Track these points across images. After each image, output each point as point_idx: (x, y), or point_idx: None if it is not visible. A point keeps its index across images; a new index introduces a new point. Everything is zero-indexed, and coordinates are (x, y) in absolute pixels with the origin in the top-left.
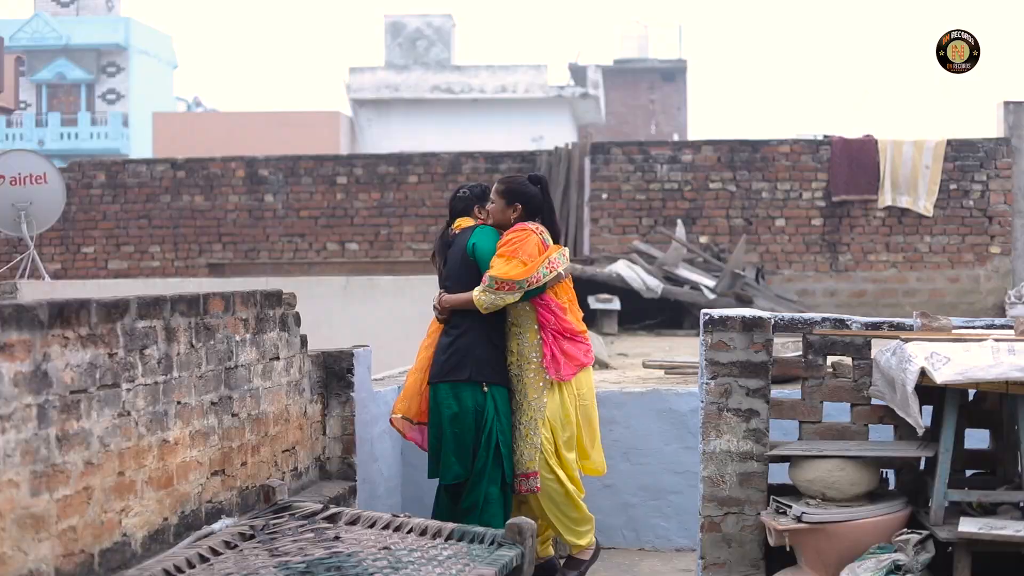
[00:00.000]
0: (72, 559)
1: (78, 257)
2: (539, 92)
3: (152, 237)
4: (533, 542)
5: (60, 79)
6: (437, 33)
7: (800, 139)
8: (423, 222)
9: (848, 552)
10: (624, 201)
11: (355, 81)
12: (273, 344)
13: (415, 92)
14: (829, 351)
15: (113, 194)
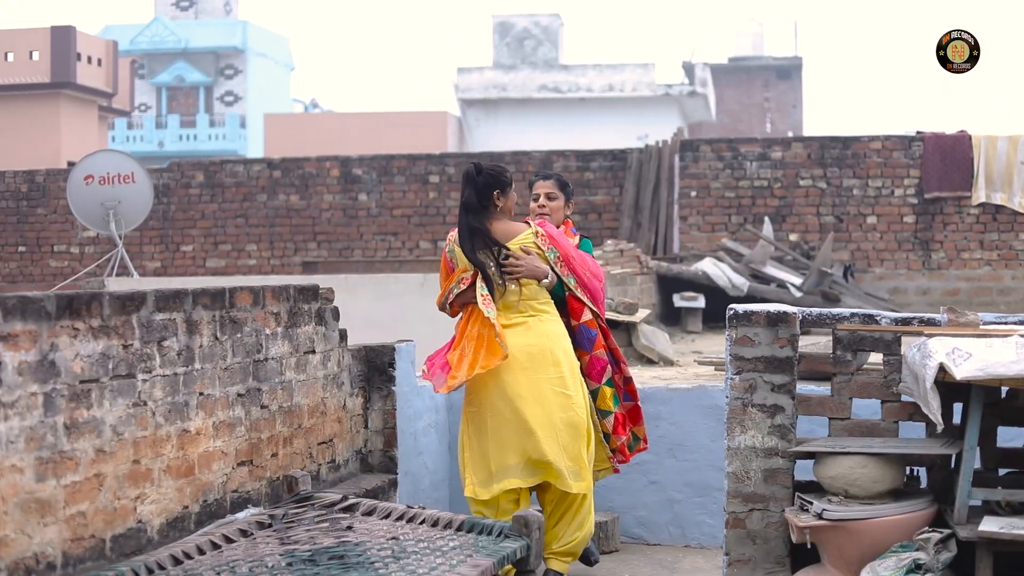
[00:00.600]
0: (81, 543)
1: (177, 255)
2: (646, 91)
3: (249, 236)
4: (540, 534)
5: (179, 82)
6: (545, 32)
7: (892, 135)
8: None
9: (870, 550)
10: (713, 199)
11: (463, 81)
12: (308, 338)
13: (522, 92)
14: (858, 347)
15: (211, 193)
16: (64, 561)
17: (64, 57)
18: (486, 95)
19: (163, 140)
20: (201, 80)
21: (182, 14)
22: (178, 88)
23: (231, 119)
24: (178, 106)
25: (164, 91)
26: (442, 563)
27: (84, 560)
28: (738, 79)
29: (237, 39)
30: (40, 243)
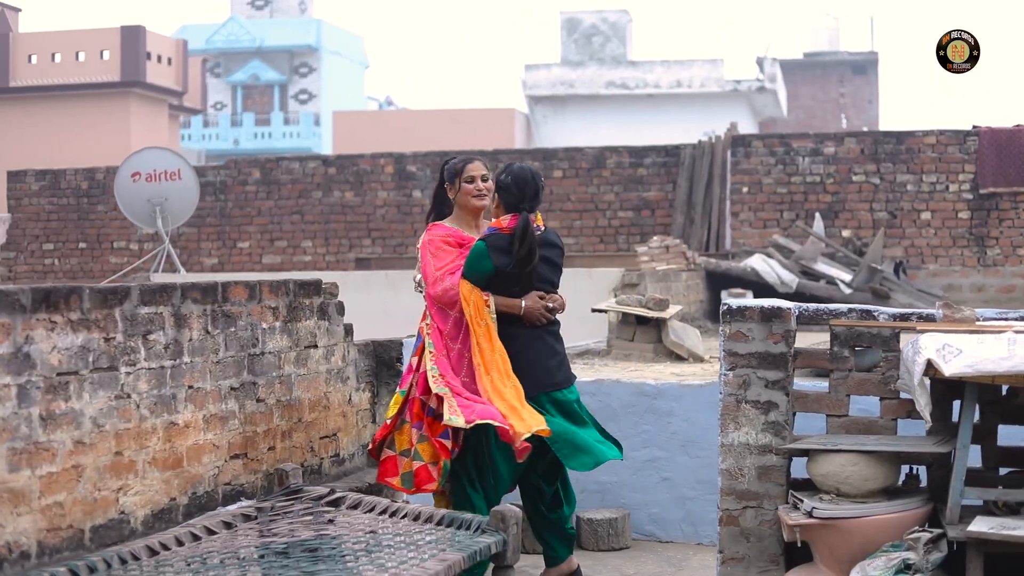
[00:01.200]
0: (58, 533)
1: (234, 252)
2: (715, 87)
3: (304, 232)
4: (517, 529)
5: (254, 80)
6: (613, 29)
7: (946, 130)
8: (568, 216)
9: (861, 549)
10: (765, 195)
11: (531, 78)
12: (310, 332)
13: (590, 88)
14: (855, 343)
15: (267, 190)
16: (39, 550)
17: (134, 56)
18: (553, 92)
19: (238, 138)
20: (276, 78)
21: (257, 13)
22: (253, 86)
23: (305, 117)
24: (253, 104)
25: (239, 89)
26: (413, 557)
27: (61, 550)
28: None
29: (311, 37)
30: (100, 240)
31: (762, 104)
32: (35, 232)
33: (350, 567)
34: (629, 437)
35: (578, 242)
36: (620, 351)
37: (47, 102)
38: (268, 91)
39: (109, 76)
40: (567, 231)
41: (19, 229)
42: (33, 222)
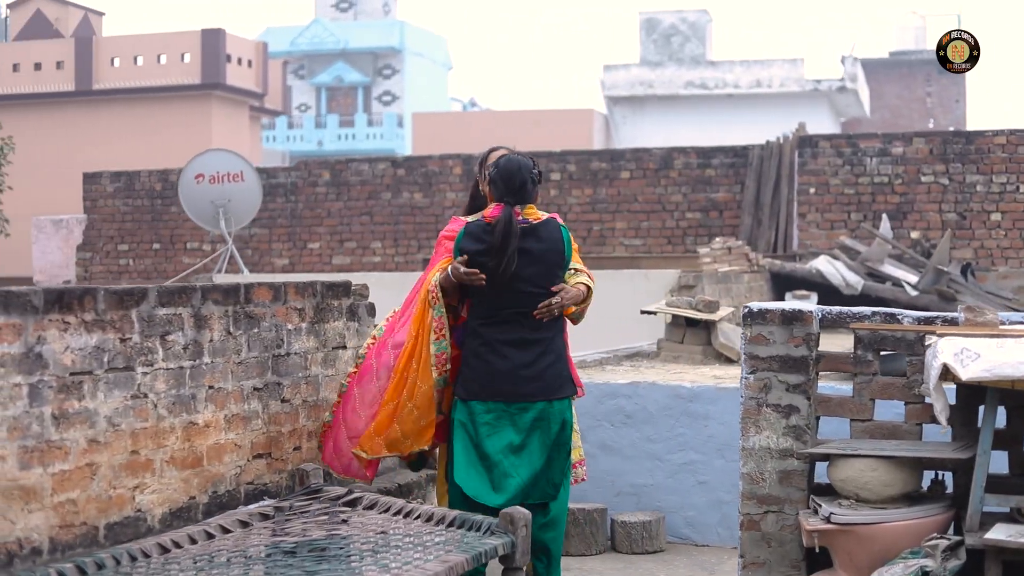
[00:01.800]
0: (71, 530)
1: (304, 253)
2: (795, 86)
3: (373, 233)
4: (527, 531)
5: (338, 82)
6: (692, 29)
7: (1017, 130)
8: (635, 218)
9: (880, 556)
10: (832, 196)
11: (609, 78)
12: (338, 333)
13: (669, 88)
14: (879, 346)
15: (337, 192)
16: (52, 547)
17: (214, 59)
18: (632, 92)
19: (322, 139)
20: (360, 80)
21: (341, 15)
22: (337, 88)
23: (388, 118)
24: (337, 106)
25: (323, 91)
26: (419, 558)
27: (74, 546)
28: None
29: (395, 39)
30: (173, 240)
31: (844, 104)
32: (110, 233)
33: (354, 567)
34: (665, 440)
35: (645, 243)
36: (669, 353)
37: (129, 104)
38: (352, 93)
39: (190, 79)
40: (634, 232)
41: (95, 230)
42: (108, 223)
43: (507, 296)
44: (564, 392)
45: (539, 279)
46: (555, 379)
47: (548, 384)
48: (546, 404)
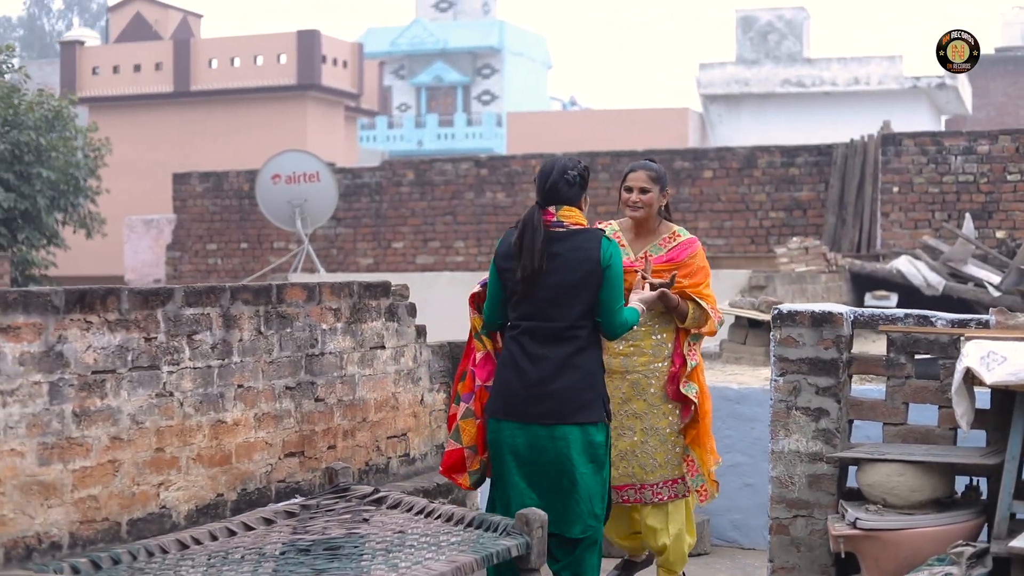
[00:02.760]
0: (93, 526)
1: (389, 252)
2: (893, 84)
3: (457, 233)
4: (542, 532)
5: (438, 82)
6: (789, 26)
7: None
8: (718, 217)
9: (907, 562)
10: (916, 194)
11: (705, 77)
12: (376, 334)
13: (765, 87)
14: (912, 349)
15: (421, 191)
16: (72, 541)
17: (310, 60)
18: (728, 91)
19: (422, 139)
20: (459, 80)
21: (441, 15)
22: (437, 88)
23: (488, 118)
24: (437, 106)
25: (423, 91)
26: (430, 558)
27: (96, 541)
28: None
29: (494, 39)
30: (260, 240)
31: (944, 101)
32: (199, 232)
33: (363, 566)
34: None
35: (728, 243)
36: (731, 354)
37: (226, 105)
38: (451, 92)
39: (286, 80)
40: (717, 232)
41: (184, 230)
42: (197, 223)
43: (529, 305)
44: (580, 417)
45: (564, 289)
46: (572, 401)
47: (561, 406)
48: (556, 428)
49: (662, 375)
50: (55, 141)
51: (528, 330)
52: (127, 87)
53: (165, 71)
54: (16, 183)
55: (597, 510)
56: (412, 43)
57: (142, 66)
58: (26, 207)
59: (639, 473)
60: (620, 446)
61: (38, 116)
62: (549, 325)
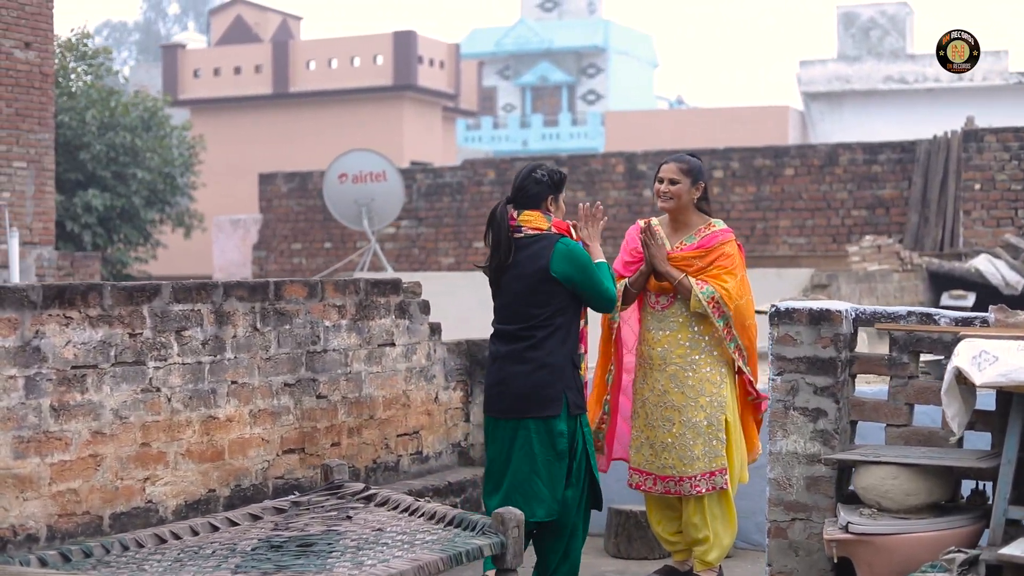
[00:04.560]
0: (73, 519)
1: (470, 251)
2: (998, 79)
3: None
4: (519, 532)
5: (543, 82)
6: (891, 22)
7: None
8: (799, 216)
9: (901, 568)
10: (999, 192)
11: (806, 74)
12: (385, 331)
13: (867, 83)
14: (915, 348)
15: (502, 190)
16: (49, 534)
17: (406, 61)
18: (830, 88)
19: (527, 139)
20: (564, 80)
21: (546, 15)
22: (542, 88)
23: (593, 118)
24: (542, 106)
25: (528, 91)
26: (399, 556)
27: (76, 534)
28: None
29: (599, 38)
30: (344, 239)
31: None
32: (284, 232)
33: (329, 563)
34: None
35: (810, 241)
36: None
37: (323, 106)
38: (556, 92)
39: (382, 80)
40: (798, 230)
41: (269, 229)
42: (282, 222)
43: (497, 305)
44: (538, 412)
45: (519, 296)
46: (529, 397)
47: (518, 402)
48: (517, 422)
49: (699, 367)
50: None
51: (496, 331)
52: (227, 89)
53: (264, 73)
54: (112, 183)
55: (559, 495)
56: (517, 43)
57: (242, 68)
58: (122, 206)
59: (678, 465)
60: (661, 438)
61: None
62: (510, 327)
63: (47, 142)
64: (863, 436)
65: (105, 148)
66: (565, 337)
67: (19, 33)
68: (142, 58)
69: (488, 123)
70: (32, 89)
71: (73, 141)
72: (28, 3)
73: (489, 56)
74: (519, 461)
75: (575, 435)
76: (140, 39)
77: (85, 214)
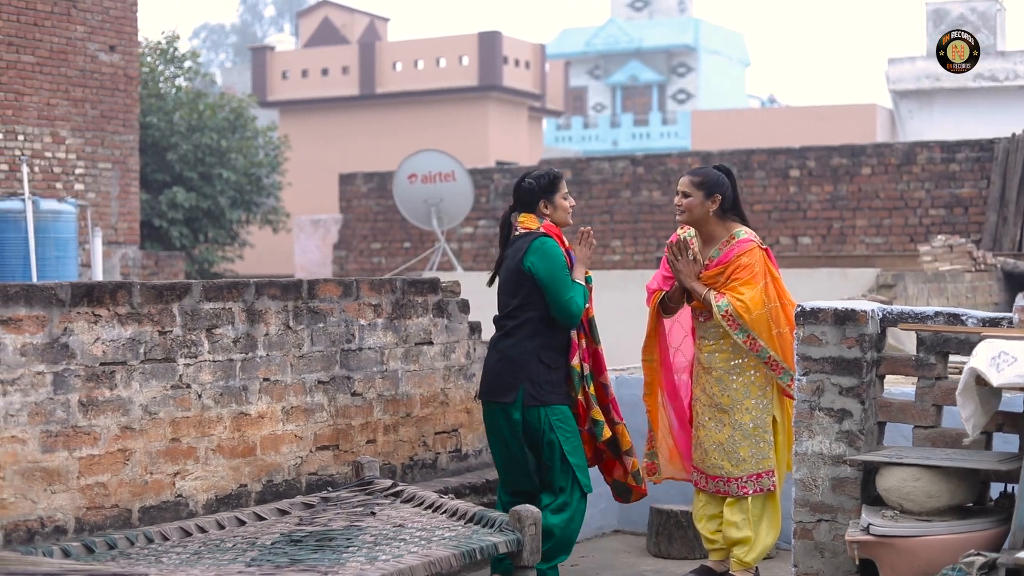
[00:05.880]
0: (101, 512)
1: None
2: None
3: (613, 232)
4: (536, 530)
5: (633, 81)
6: (982, 19)
7: None
8: (876, 215)
9: (923, 571)
10: None
11: (894, 71)
12: (423, 330)
13: (957, 81)
14: (942, 349)
15: (578, 190)
16: (78, 526)
17: (491, 61)
18: (919, 86)
19: (617, 139)
20: (654, 79)
21: (636, 14)
22: (632, 87)
23: (683, 117)
24: (632, 105)
25: (618, 91)
26: (415, 551)
27: (104, 526)
28: None
29: (689, 37)
30: (423, 239)
31: None
32: (364, 232)
33: (343, 557)
34: None
35: (887, 241)
36: None
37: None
38: (647, 92)
39: (468, 81)
40: (875, 230)
41: (349, 229)
42: (362, 222)
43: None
44: (499, 397)
45: (504, 287)
46: (495, 382)
47: (494, 386)
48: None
49: (744, 370)
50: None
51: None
52: (315, 90)
53: (351, 74)
54: (199, 183)
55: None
56: (607, 43)
57: (329, 70)
58: (208, 206)
59: (727, 467)
60: (715, 438)
61: (220, 119)
62: (498, 318)
63: (131, 143)
64: (896, 438)
65: (192, 149)
66: (533, 332)
67: (104, 36)
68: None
69: (578, 123)
70: (117, 91)
71: (161, 142)
72: (113, 7)
73: (579, 56)
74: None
75: (537, 425)
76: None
77: (171, 211)
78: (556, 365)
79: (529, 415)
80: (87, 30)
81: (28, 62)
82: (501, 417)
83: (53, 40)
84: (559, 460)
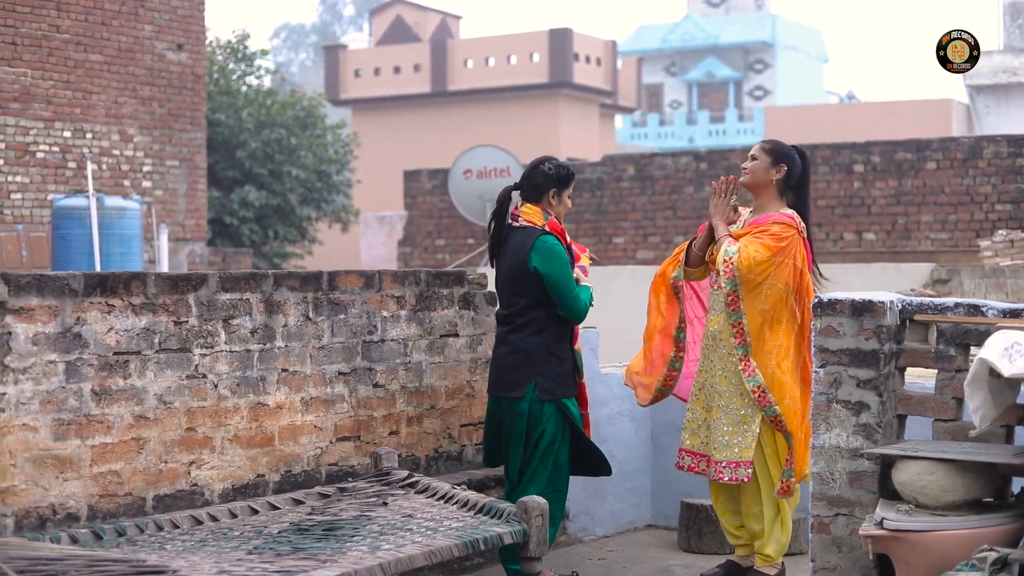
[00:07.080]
0: (114, 500)
1: (610, 247)
2: None
3: (676, 228)
4: (543, 521)
5: (709, 78)
6: None
7: None
8: (942, 210)
9: (937, 566)
10: None
11: None
12: (448, 322)
13: None
14: (962, 340)
15: (641, 186)
16: (90, 513)
17: (562, 58)
18: (996, 80)
19: (693, 136)
20: (730, 75)
21: (713, 11)
22: (708, 84)
23: (759, 114)
24: (708, 102)
25: (695, 87)
26: (419, 541)
27: (117, 514)
28: None
29: (766, 33)
30: (485, 236)
31: None
32: (428, 228)
33: (346, 547)
34: None
35: (952, 237)
36: None
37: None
38: (723, 88)
39: (538, 78)
40: (940, 225)
41: (414, 226)
42: (427, 219)
43: (497, 289)
44: (507, 392)
45: (506, 282)
46: (503, 378)
47: (498, 380)
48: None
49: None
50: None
51: (496, 314)
52: (387, 88)
53: (423, 72)
54: (269, 181)
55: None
56: (683, 39)
57: (401, 68)
58: (278, 203)
59: (707, 447)
60: (704, 416)
61: (289, 116)
62: (502, 312)
63: (199, 141)
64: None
65: (261, 146)
66: (542, 328)
67: (171, 35)
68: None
69: (654, 120)
70: (184, 90)
71: (231, 140)
72: (180, 6)
73: (655, 53)
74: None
75: (539, 419)
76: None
77: (242, 209)
78: (565, 356)
79: (535, 408)
80: (155, 29)
81: (96, 61)
82: (506, 411)
83: (121, 39)
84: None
